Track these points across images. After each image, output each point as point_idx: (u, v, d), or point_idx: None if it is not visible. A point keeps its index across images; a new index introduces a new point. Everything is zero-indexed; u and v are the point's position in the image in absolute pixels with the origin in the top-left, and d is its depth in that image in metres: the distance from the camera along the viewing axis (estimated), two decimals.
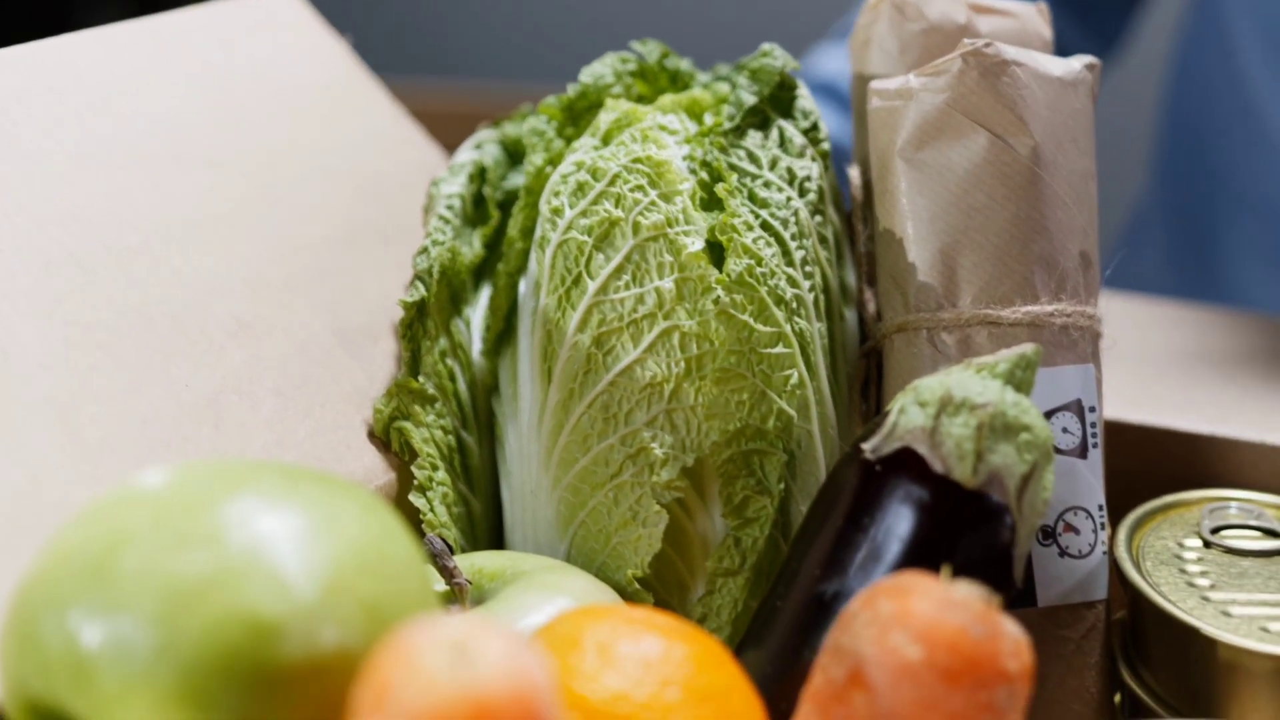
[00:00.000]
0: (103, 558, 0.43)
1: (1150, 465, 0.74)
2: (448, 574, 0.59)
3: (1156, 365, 0.81)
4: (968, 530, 0.56)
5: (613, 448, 0.63)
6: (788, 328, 0.63)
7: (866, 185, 0.70)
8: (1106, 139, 0.81)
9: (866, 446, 0.58)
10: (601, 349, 0.64)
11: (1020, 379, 0.58)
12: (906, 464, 0.56)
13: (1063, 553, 0.63)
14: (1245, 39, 1.06)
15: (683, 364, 0.63)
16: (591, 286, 0.64)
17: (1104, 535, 0.64)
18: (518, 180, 0.72)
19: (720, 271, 0.63)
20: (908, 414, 0.57)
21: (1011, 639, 0.50)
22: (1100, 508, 0.64)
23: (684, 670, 0.49)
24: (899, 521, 0.56)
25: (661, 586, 0.64)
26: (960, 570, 0.54)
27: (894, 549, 0.56)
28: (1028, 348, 0.59)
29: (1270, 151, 1.05)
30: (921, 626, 0.49)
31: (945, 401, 0.56)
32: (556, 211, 0.66)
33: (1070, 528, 0.64)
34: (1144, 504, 0.69)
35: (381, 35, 2.38)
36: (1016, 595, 0.63)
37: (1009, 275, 0.64)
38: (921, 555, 0.55)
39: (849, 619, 0.50)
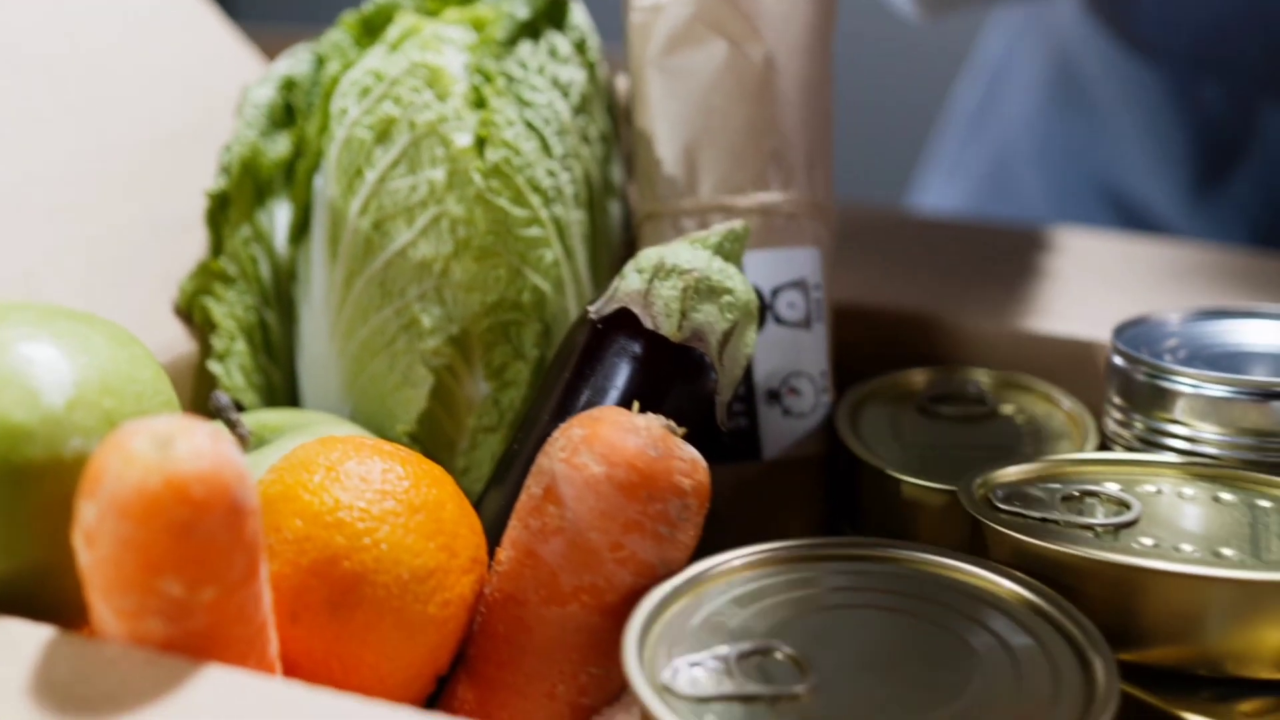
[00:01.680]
0: None
1: (886, 344, 0.82)
2: (230, 425, 0.67)
3: (935, 269, 0.90)
4: (677, 380, 0.64)
5: (388, 319, 0.71)
6: (544, 213, 0.71)
7: (630, 92, 0.78)
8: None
9: (592, 309, 0.66)
10: (379, 232, 0.72)
11: (729, 250, 0.66)
12: (624, 323, 0.65)
13: (786, 412, 0.72)
14: None
15: (450, 245, 0.71)
16: (371, 177, 0.72)
17: (826, 398, 0.73)
18: None
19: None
20: (627, 279, 0.65)
21: (686, 461, 0.58)
22: (823, 374, 0.73)
23: (402, 486, 0.57)
24: (616, 372, 0.64)
25: (431, 443, 0.72)
26: (672, 414, 0.62)
27: (611, 396, 0.64)
28: (736, 224, 0.67)
29: None
30: (605, 448, 0.57)
31: (658, 268, 0.65)
32: (343, 111, 0.74)
33: (794, 390, 0.72)
34: (874, 376, 0.77)
35: None
36: (744, 448, 0.72)
37: (743, 168, 0.72)
38: (635, 401, 0.63)
39: (549, 444, 0.59)
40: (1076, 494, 0.63)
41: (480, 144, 0.72)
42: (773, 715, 0.52)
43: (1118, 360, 0.69)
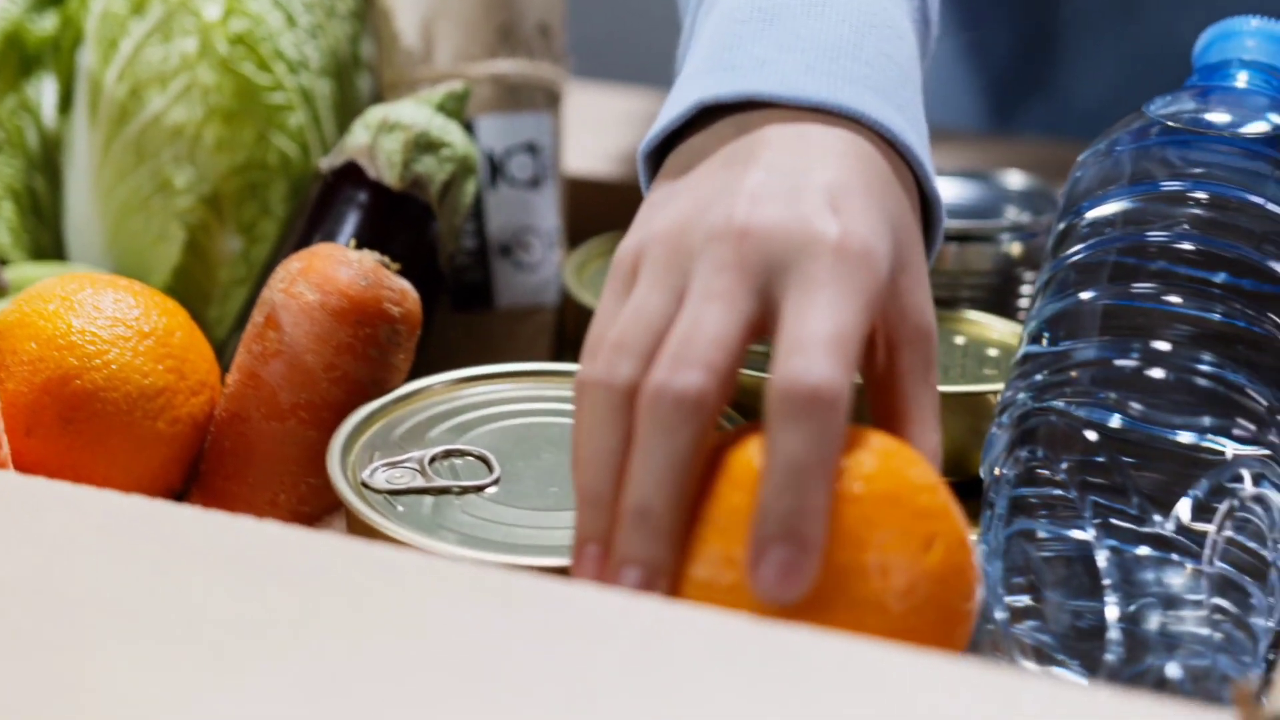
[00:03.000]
0: None
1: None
2: None
3: None
4: (400, 226, 0.70)
5: (144, 180, 0.77)
6: (288, 81, 0.77)
7: None
8: None
9: (323, 163, 0.71)
10: (135, 99, 0.77)
11: (450, 109, 0.72)
12: (352, 175, 0.70)
13: (517, 265, 0.78)
14: None
15: (201, 111, 0.76)
16: (126, 47, 0.77)
17: (556, 253, 0.79)
18: None
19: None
20: (354, 134, 0.71)
21: (396, 290, 0.64)
22: (553, 231, 0.79)
23: (132, 314, 0.63)
24: (344, 219, 0.70)
25: (187, 295, 0.77)
26: (397, 258, 0.68)
27: (340, 240, 0.70)
28: (457, 84, 0.73)
29: None
30: (319, 278, 0.63)
31: (383, 124, 0.71)
32: None
33: (524, 245, 0.78)
34: (604, 235, 0.84)
35: None
36: (478, 298, 0.78)
37: (476, 39, 0.78)
38: (363, 245, 0.69)
39: (271, 278, 0.64)
40: None
41: (227, 15, 0.77)
42: (458, 504, 0.58)
43: None
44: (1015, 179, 0.79)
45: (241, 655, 0.44)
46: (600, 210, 0.88)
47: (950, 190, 0.79)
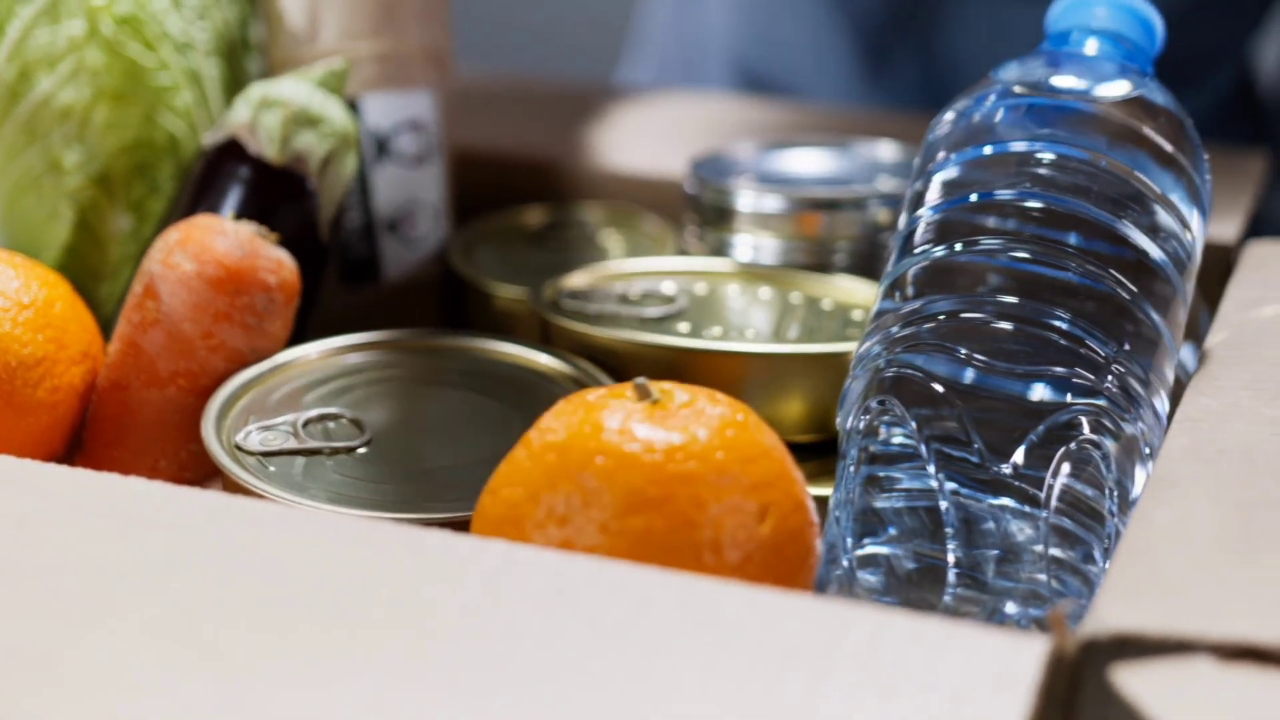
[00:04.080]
0: None
1: (511, 188, 0.91)
2: None
3: (560, 123, 0.98)
4: (281, 200, 0.72)
5: (34, 160, 0.78)
6: (175, 62, 0.78)
7: None
8: None
9: (206, 139, 0.73)
10: (24, 81, 0.78)
11: (332, 85, 0.74)
12: (234, 151, 0.72)
13: (404, 241, 0.80)
14: None
15: (89, 92, 0.77)
16: (15, 31, 0.78)
17: (442, 229, 0.81)
18: None
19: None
20: (235, 110, 0.73)
21: (272, 260, 0.66)
22: (439, 207, 0.81)
23: (12, 285, 0.64)
24: (226, 194, 0.72)
25: (79, 273, 0.78)
26: (279, 230, 0.69)
27: (222, 214, 0.71)
28: (336, 61, 0.74)
29: None
30: (196, 248, 0.65)
31: (263, 100, 0.72)
32: None
33: (410, 221, 0.80)
34: (492, 212, 0.86)
35: None
36: (366, 272, 0.80)
37: (360, 17, 0.80)
38: (242, 218, 0.71)
39: (150, 249, 0.66)
40: (635, 294, 0.72)
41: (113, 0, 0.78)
42: (329, 464, 0.60)
43: (691, 185, 0.78)
44: (886, 149, 0.82)
45: (108, 597, 0.46)
46: (488, 187, 0.90)
47: (822, 160, 0.81)
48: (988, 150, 0.63)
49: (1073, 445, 0.57)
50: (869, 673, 0.44)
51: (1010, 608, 0.55)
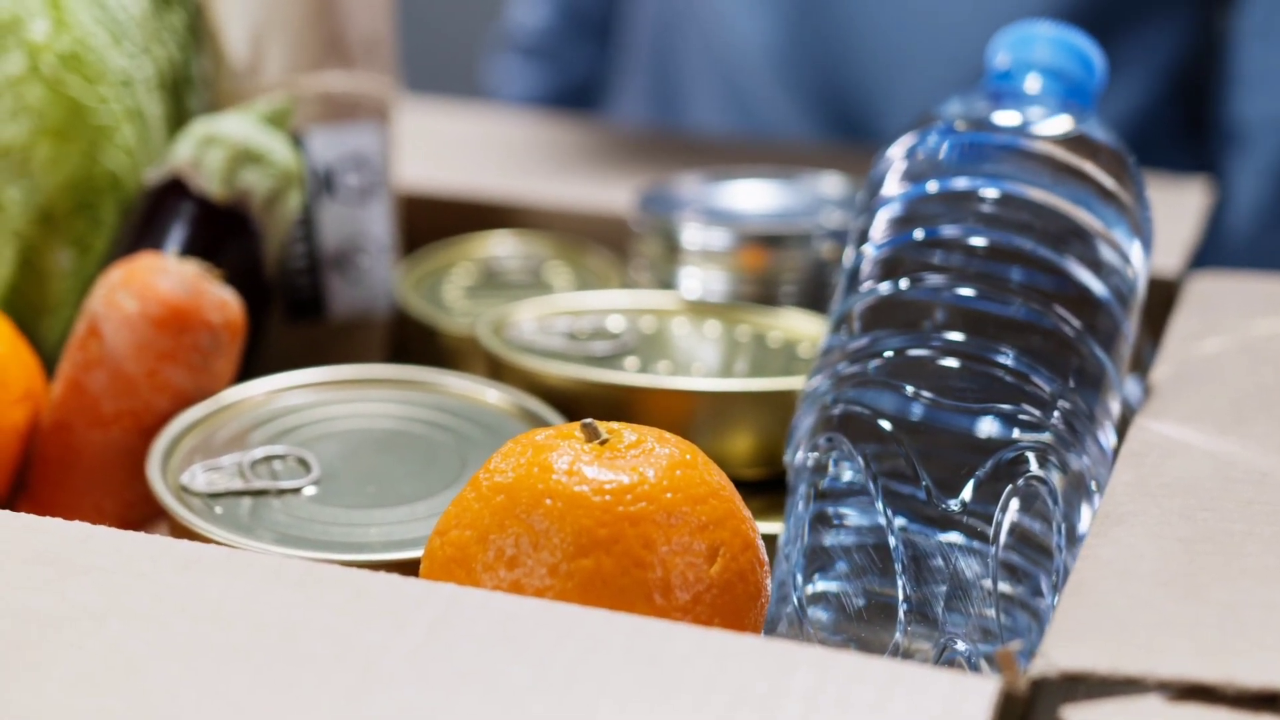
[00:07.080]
0: None
1: (461, 223, 0.91)
2: None
3: (512, 159, 0.98)
4: (225, 238, 0.71)
5: None
6: (116, 98, 0.78)
7: None
8: None
9: (149, 176, 0.72)
10: None
11: (276, 120, 0.74)
12: (176, 189, 0.72)
13: (348, 278, 0.79)
14: None
15: (29, 129, 0.77)
16: None
17: (387, 266, 0.81)
18: None
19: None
20: (178, 147, 0.72)
21: (216, 299, 0.65)
22: (384, 243, 0.80)
23: None
24: (169, 232, 0.71)
25: (21, 310, 0.78)
26: (224, 268, 0.69)
27: (166, 252, 0.71)
28: (280, 97, 0.74)
29: None
30: (140, 287, 0.64)
31: (207, 137, 0.72)
32: None
33: (355, 257, 0.80)
34: (441, 247, 0.86)
35: None
36: (310, 310, 0.79)
37: (304, 51, 0.79)
38: (189, 258, 0.70)
39: (94, 289, 0.65)
40: (583, 331, 0.72)
41: (54, 34, 0.78)
42: (276, 504, 0.59)
43: (638, 220, 0.78)
44: (832, 183, 0.82)
45: (41, 647, 0.45)
46: (434, 222, 0.90)
47: (767, 193, 0.81)
48: (932, 187, 0.63)
49: (1020, 481, 0.57)
50: (818, 714, 0.43)
51: (960, 645, 0.55)
